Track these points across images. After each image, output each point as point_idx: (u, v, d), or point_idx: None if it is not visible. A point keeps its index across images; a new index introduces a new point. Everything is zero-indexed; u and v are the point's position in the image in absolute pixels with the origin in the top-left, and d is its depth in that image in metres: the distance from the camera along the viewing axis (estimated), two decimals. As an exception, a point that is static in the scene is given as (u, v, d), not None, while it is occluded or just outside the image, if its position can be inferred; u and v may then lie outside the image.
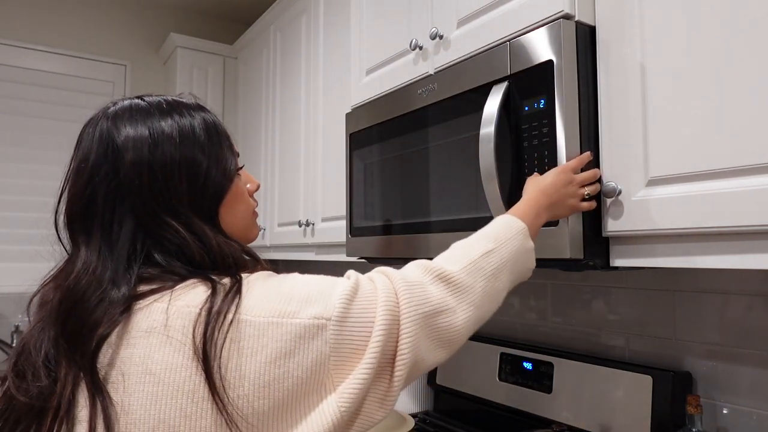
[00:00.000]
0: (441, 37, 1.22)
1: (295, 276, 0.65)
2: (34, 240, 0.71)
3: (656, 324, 1.21)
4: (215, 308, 0.57)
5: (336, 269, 2.37)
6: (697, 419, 1.00)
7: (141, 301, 0.60)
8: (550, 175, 0.89)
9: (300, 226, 1.97)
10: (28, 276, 0.69)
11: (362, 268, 0.77)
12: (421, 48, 1.28)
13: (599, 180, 0.93)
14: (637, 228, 0.87)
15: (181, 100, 0.73)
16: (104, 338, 0.58)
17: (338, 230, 1.73)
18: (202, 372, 0.54)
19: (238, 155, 0.75)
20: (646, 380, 1.12)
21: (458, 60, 1.17)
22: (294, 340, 0.56)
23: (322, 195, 1.88)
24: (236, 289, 0.59)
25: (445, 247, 0.78)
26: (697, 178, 0.81)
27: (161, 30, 2.89)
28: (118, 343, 0.58)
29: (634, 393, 1.13)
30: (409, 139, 1.27)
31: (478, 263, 0.72)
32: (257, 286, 0.61)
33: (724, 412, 1.08)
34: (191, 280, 0.61)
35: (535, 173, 0.94)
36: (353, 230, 1.48)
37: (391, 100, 1.34)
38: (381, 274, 0.67)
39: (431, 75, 1.25)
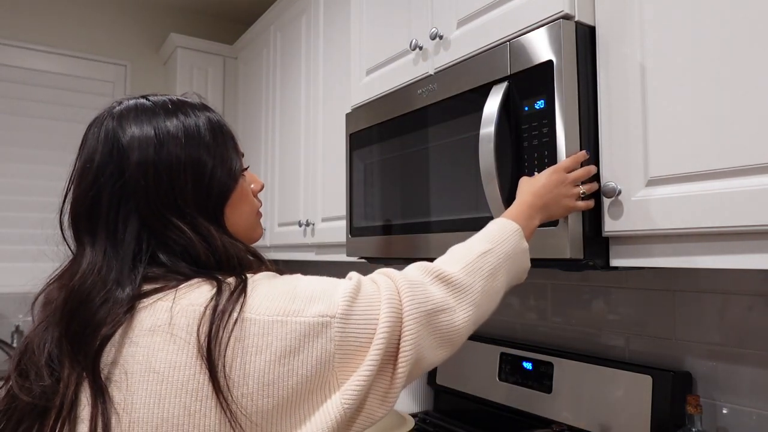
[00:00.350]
0: (441, 37, 1.22)
1: (299, 276, 0.65)
2: (35, 240, 0.71)
3: (656, 324, 1.21)
4: (220, 307, 0.57)
5: (336, 269, 2.37)
6: (697, 419, 1.00)
7: (145, 300, 0.60)
8: (543, 175, 0.89)
9: (300, 226, 1.97)
10: (29, 276, 0.70)
11: (362, 269, 0.78)
12: (421, 48, 1.28)
13: (597, 178, 0.93)
14: (637, 228, 0.87)
15: (186, 99, 0.73)
16: (108, 338, 0.58)
17: (338, 230, 1.73)
18: (206, 370, 0.54)
19: (243, 155, 0.75)
20: (646, 380, 1.12)
21: (458, 60, 1.17)
22: (299, 338, 0.56)
23: (322, 195, 1.89)
24: (241, 288, 0.59)
25: (445, 247, 0.78)
26: (697, 178, 0.81)
27: (161, 30, 2.89)
28: (121, 342, 0.58)
29: (634, 393, 1.13)
30: (409, 139, 1.27)
31: (475, 264, 0.73)
32: (262, 285, 0.61)
33: (724, 412, 1.08)
34: (196, 279, 0.62)
35: (535, 173, 0.94)
36: (353, 230, 1.48)
37: (391, 101, 1.34)
38: (382, 275, 0.68)
39: (431, 75, 1.25)
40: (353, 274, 0.67)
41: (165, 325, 0.57)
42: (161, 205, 0.64)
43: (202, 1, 2.89)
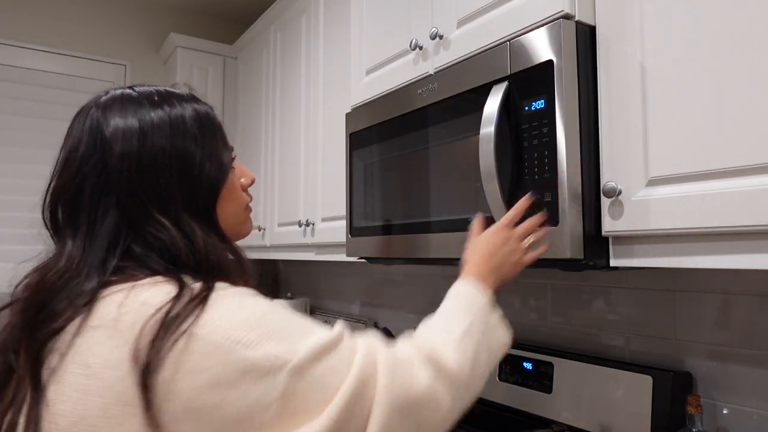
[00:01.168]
0: (441, 37, 1.22)
1: (275, 304, 0.59)
2: (36, 240, 0.71)
3: (656, 324, 1.21)
4: (172, 313, 0.53)
5: (336, 269, 2.37)
6: (697, 419, 1.00)
7: (105, 291, 0.58)
8: (488, 235, 0.86)
9: (300, 226, 1.97)
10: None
11: (362, 268, 0.77)
12: (421, 48, 1.28)
13: (545, 222, 0.91)
14: (637, 228, 0.87)
15: (173, 90, 0.71)
16: (57, 330, 0.56)
17: (338, 230, 1.73)
18: (137, 376, 0.51)
19: (232, 149, 0.73)
20: (646, 380, 1.12)
21: (458, 60, 1.17)
22: (239, 372, 0.51)
23: (322, 195, 1.88)
24: (201, 298, 0.55)
25: (444, 247, 0.77)
26: (697, 178, 0.81)
27: (161, 30, 2.89)
28: (75, 333, 0.55)
29: (634, 393, 1.13)
30: (409, 139, 1.27)
31: (465, 347, 0.68)
32: (225, 301, 0.56)
33: (724, 412, 1.08)
34: (160, 277, 0.58)
35: (478, 231, 0.90)
36: (353, 230, 1.48)
37: (391, 100, 1.34)
38: (368, 343, 0.61)
39: (431, 75, 1.25)
40: (339, 324, 0.61)
41: (111, 319, 0.54)
42: (145, 198, 0.62)
43: (202, 1, 2.89)
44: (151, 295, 0.56)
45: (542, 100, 0.95)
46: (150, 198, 0.62)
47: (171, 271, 0.59)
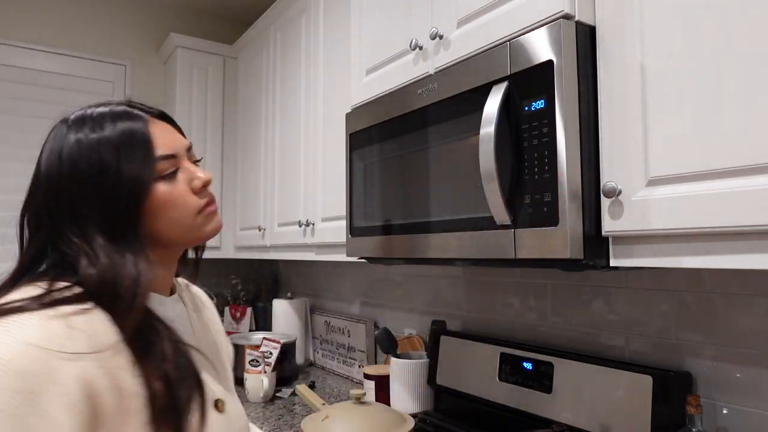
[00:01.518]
0: (441, 37, 1.22)
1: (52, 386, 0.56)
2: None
3: (656, 324, 1.21)
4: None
5: (336, 269, 2.37)
6: (697, 419, 1.00)
7: None
8: None
9: (300, 226, 1.97)
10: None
11: (362, 268, 0.77)
12: (421, 48, 1.28)
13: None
14: (637, 228, 0.87)
15: (102, 111, 0.72)
16: None
17: (338, 230, 1.73)
18: None
19: (171, 156, 0.72)
20: (646, 380, 1.12)
21: (458, 60, 1.17)
22: None
23: (322, 195, 1.89)
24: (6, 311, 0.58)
25: (444, 247, 0.77)
26: (697, 178, 0.81)
27: (161, 30, 2.89)
28: None
29: (634, 393, 1.13)
30: (409, 139, 1.27)
31: None
32: (23, 331, 0.57)
33: (724, 412, 1.08)
34: (44, 283, 0.62)
35: None
36: (353, 230, 1.48)
37: (391, 100, 1.34)
38: None
39: (431, 75, 1.25)
40: None
41: None
42: (63, 219, 0.67)
43: (202, 1, 2.89)
44: (18, 294, 0.61)
45: (542, 100, 0.95)
46: (67, 219, 0.67)
47: (68, 281, 0.63)
